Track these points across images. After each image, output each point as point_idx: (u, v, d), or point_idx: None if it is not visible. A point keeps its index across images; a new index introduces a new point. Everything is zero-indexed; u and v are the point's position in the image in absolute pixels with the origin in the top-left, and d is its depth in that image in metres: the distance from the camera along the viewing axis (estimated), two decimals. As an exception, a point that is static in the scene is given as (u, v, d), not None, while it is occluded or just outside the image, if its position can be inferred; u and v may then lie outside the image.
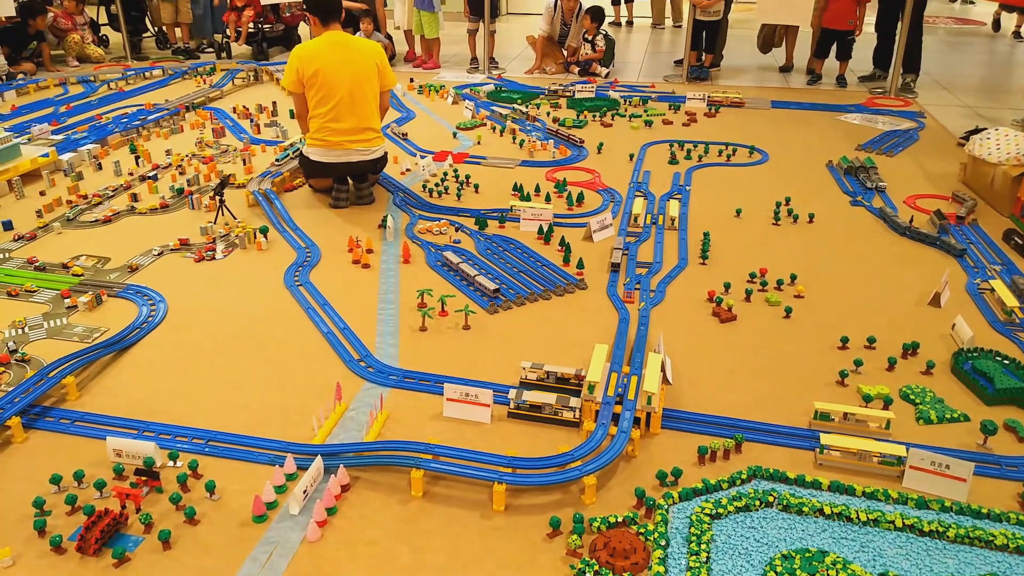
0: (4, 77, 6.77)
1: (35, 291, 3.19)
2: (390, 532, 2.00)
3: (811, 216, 3.95)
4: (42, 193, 4.23)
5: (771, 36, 7.40)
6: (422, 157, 4.76)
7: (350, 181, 4.14)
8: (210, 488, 2.11)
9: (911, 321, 3.02)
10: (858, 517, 2.01)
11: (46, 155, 4.48)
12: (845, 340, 2.85)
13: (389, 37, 7.77)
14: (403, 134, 5.37)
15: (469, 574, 1.88)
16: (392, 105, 6.11)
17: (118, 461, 2.22)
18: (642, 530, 1.97)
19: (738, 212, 4.02)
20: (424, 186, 4.37)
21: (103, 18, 8.54)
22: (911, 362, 2.75)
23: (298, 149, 4.43)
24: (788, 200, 4.12)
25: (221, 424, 2.40)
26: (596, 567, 1.85)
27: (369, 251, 3.57)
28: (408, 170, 4.65)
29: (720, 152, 5.02)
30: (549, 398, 2.41)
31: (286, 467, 2.16)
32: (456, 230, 3.83)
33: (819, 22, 6.73)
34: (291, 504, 2.04)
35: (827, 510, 2.03)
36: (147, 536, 1.98)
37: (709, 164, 4.83)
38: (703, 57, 7.22)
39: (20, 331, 2.90)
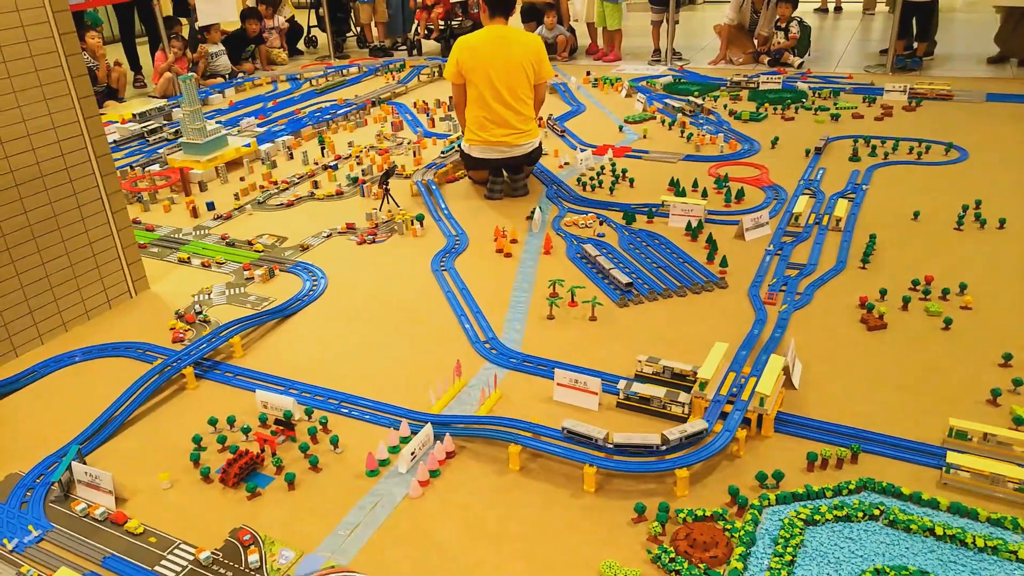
0: (227, 76, 7.69)
1: (223, 263, 3.66)
2: (483, 499, 2.12)
3: (1002, 222, 3.57)
4: (241, 179, 4.78)
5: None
6: (581, 151, 4.82)
7: (505, 173, 4.30)
8: (334, 442, 2.34)
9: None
10: (975, 543, 1.83)
11: (248, 145, 5.06)
12: (1008, 357, 2.58)
13: (572, 30, 7.85)
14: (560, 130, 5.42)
15: (548, 545, 1.95)
16: (564, 99, 6.23)
17: (263, 411, 2.52)
18: (728, 526, 1.93)
19: (916, 215, 3.72)
20: (579, 180, 4.45)
21: (313, 20, 9.43)
22: (1082, 388, 2.44)
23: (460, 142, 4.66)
24: (979, 203, 3.75)
25: (354, 388, 2.63)
26: (673, 555, 1.85)
27: (514, 241, 3.71)
28: (566, 163, 4.74)
29: (911, 149, 4.64)
30: (659, 391, 2.41)
31: (401, 431, 2.35)
32: (601, 223, 3.87)
33: None
34: (400, 463, 2.22)
35: (939, 531, 1.87)
36: (276, 477, 2.24)
37: (895, 162, 4.49)
38: (915, 45, 6.58)
39: (207, 296, 3.35)
